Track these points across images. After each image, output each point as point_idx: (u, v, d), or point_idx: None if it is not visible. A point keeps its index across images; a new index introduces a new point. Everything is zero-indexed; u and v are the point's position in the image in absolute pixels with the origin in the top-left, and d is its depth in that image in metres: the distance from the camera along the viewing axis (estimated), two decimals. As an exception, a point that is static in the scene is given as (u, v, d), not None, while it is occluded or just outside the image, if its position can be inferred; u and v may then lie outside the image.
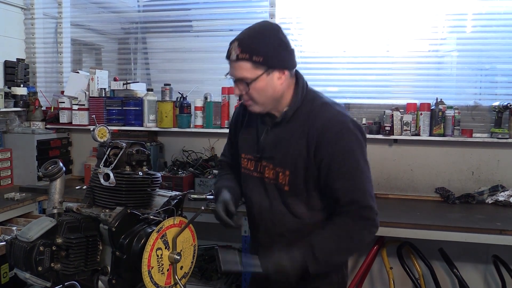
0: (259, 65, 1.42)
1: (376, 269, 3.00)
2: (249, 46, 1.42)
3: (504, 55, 2.92)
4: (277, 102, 1.51)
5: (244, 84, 1.46)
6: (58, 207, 1.36)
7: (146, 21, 3.58)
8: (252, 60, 1.41)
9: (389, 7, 3.03)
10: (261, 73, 1.43)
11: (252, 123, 1.66)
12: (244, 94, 1.48)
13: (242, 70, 1.44)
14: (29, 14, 3.57)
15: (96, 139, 1.40)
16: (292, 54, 1.51)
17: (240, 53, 1.42)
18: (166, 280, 1.28)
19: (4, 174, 3.08)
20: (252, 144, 1.63)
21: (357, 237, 1.49)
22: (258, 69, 1.43)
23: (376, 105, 3.05)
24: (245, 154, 1.65)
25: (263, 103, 1.50)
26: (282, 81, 1.48)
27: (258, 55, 1.41)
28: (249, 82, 1.44)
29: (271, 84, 1.46)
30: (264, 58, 1.42)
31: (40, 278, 1.17)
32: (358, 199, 1.47)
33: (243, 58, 1.42)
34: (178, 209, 1.41)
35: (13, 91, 3.26)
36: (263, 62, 1.42)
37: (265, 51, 1.42)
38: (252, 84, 1.44)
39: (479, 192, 2.83)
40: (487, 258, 2.81)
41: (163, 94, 3.13)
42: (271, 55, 1.43)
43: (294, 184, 1.51)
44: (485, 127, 2.88)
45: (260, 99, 1.48)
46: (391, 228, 2.34)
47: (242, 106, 1.73)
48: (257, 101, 1.49)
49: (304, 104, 1.52)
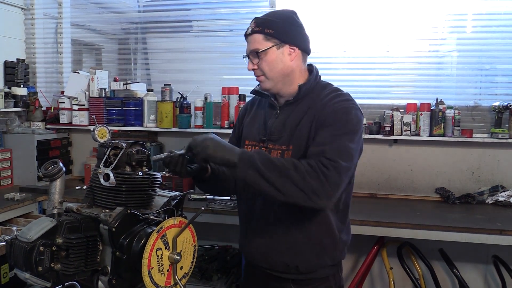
0: (270, 37, 1.50)
1: (376, 269, 3.01)
2: (263, 20, 1.53)
3: (504, 55, 2.92)
4: (287, 79, 1.55)
5: (256, 57, 1.52)
6: (58, 207, 1.36)
7: (146, 21, 3.58)
8: (264, 32, 1.50)
9: (389, 7, 3.03)
10: (272, 45, 1.51)
11: (259, 113, 1.68)
12: (256, 68, 1.54)
13: (254, 42, 1.52)
14: (29, 14, 3.58)
15: (96, 139, 1.40)
16: (305, 37, 1.58)
17: (254, 27, 1.52)
18: (166, 280, 1.28)
19: (4, 174, 3.08)
20: (257, 130, 1.64)
21: (301, 171, 1.33)
22: (269, 41, 1.51)
23: (376, 105, 3.05)
24: (248, 141, 1.65)
25: (273, 78, 1.54)
26: (293, 57, 1.54)
27: (270, 28, 1.50)
28: (260, 52, 1.50)
29: (282, 58, 1.52)
30: (276, 31, 1.50)
31: (40, 278, 1.17)
32: (324, 151, 1.39)
33: (256, 31, 1.51)
34: (178, 209, 1.40)
35: (13, 91, 3.27)
36: (274, 34, 1.50)
37: (277, 25, 1.51)
38: (263, 56, 1.51)
39: (479, 192, 2.84)
40: (487, 258, 2.82)
41: (163, 94, 3.13)
42: (282, 30, 1.51)
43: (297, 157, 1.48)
44: (485, 127, 2.88)
45: (271, 73, 1.53)
46: (391, 228, 2.35)
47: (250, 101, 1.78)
48: (268, 75, 1.54)
49: (317, 88, 1.57)
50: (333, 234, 1.57)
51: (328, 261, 1.58)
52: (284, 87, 1.57)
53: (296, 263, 1.54)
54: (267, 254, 1.58)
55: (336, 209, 1.57)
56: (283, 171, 1.34)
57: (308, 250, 1.54)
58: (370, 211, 2.63)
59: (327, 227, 1.55)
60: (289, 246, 1.55)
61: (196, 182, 1.69)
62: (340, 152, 1.38)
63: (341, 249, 1.61)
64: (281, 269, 1.57)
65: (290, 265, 1.54)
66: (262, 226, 1.58)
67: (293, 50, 1.53)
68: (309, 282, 1.57)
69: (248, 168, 1.36)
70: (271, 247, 1.56)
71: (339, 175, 1.35)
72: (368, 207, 2.73)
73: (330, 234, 1.56)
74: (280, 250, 1.55)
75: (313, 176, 1.33)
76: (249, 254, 1.66)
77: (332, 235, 1.56)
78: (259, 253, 1.60)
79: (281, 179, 1.33)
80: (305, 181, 1.32)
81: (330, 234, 1.56)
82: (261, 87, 1.58)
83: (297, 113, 1.55)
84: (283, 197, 1.34)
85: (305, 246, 1.54)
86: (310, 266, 1.56)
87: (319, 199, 1.33)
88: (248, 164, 1.36)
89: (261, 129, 1.63)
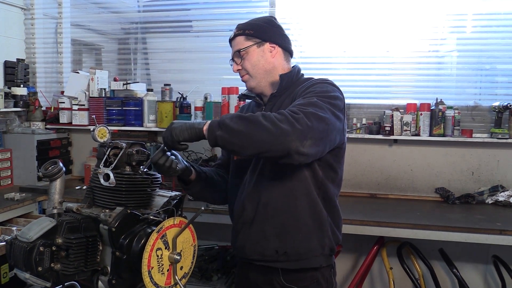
0: (251, 37, 1.61)
1: (376, 269, 3.01)
2: (244, 25, 1.65)
3: (504, 55, 2.93)
4: (269, 76, 1.63)
5: (239, 57, 1.62)
6: (58, 207, 1.36)
7: (146, 21, 3.58)
8: (245, 33, 1.62)
9: (389, 7, 3.03)
10: (252, 43, 1.61)
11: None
12: (240, 69, 1.64)
13: (237, 44, 1.63)
14: (29, 14, 3.58)
15: (96, 139, 1.40)
16: (284, 36, 1.67)
17: (236, 31, 1.65)
18: (166, 281, 1.28)
19: (4, 174, 3.08)
20: None
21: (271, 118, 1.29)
22: (250, 40, 1.61)
23: (376, 105, 3.05)
24: None
25: (256, 75, 1.62)
26: (274, 55, 1.62)
27: (250, 29, 1.62)
28: (241, 51, 1.60)
29: (263, 55, 1.61)
30: (255, 31, 1.61)
31: (40, 278, 1.17)
32: (295, 105, 1.37)
33: (238, 34, 1.63)
34: (178, 209, 1.40)
35: (13, 91, 3.27)
36: (254, 34, 1.61)
37: (256, 26, 1.63)
38: (245, 55, 1.61)
39: (479, 192, 2.84)
40: (487, 258, 2.82)
41: (163, 94, 3.13)
42: (262, 29, 1.62)
43: None
44: (485, 127, 2.88)
45: (253, 70, 1.62)
46: (391, 228, 2.35)
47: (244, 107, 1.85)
48: (251, 73, 1.62)
49: (299, 82, 1.63)
50: (321, 216, 1.56)
51: (318, 247, 1.56)
52: (268, 86, 1.64)
53: (284, 249, 1.54)
54: (256, 242, 1.57)
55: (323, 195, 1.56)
56: (252, 120, 1.31)
57: (295, 232, 1.54)
58: (370, 211, 2.63)
59: (314, 208, 1.54)
60: (278, 231, 1.55)
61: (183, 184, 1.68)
62: (310, 103, 1.35)
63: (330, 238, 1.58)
64: (270, 257, 1.56)
65: (279, 251, 1.54)
66: (250, 215, 1.59)
67: (273, 48, 1.62)
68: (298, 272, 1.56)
69: (216, 130, 1.34)
70: (260, 235, 1.57)
71: (309, 119, 1.30)
72: (368, 207, 2.73)
73: (318, 215, 1.55)
74: (268, 236, 1.55)
75: (282, 120, 1.29)
76: (240, 249, 1.65)
77: (320, 216, 1.55)
78: (248, 243, 1.60)
79: (250, 127, 1.30)
80: (275, 125, 1.28)
81: (318, 215, 1.55)
82: (247, 86, 1.67)
83: (281, 104, 1.59)
84: (255, 145, 1.30)
85: (293, 229, 1.54)
86: (300, 251, 1.54)
87: (292, 140, 1.27)
88: (216, 126, 1.35)
89: None
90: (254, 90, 1.67)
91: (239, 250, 1.67)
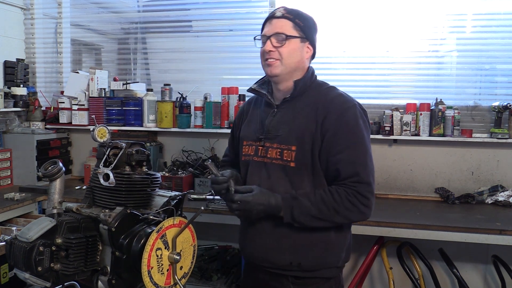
0: (298, 29, 1.56)
1: (376, 269, 3.01)
2: (294, 11, 1.58)
3: (504, 55, 2.92)
4: (295, 73, 1.58)
5: (279, 40, 1.54)
6: (57, 207, 1.36)
7: (146, 21, 3.58)
8: (295, 21, 1.56)
9: (389, 7, 3.03)
10: (298, 35, 1.56)
11: (255, 113, 1.70)
12: (274, 50, 1.54)
13: (283, 26, 1.55)
14: (29, 14, 3.57)
15: (96, 139, 1.40)
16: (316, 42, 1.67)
17: (285, 13, 1.56)
18: (165, 280, 1.28)
19: (4, 174, 3.08)
20: (253, 129, 1.65)
21: (343, 213, 1.47)
22: (297, 31, 1.56)
23: (376, 105, 3.05)
24: (246, 141, 1.67)
25: (287, 65, 1.56)
26: (307, 56, 1.60)
27: (301, 21, 1.57)
28: (287, 37, 1.53)
29: (301, 52, 1.58)
30: (305, 25, 1.57)
31: (39, 278, 1.17)
32: (359, 172, 1.47)
33: (287, 17, 1.56)
34: (178, 209, 1.41)
35: (12, 91, 3.26)
36: (302, 28, 1.57)
37: (306, 20, 1.59)
38: (288, 41, 1.54)
39: (479, 192, 2.84)
40: (487, 258, 2.82)
41: (163, 94, 3.13)
42: (309, 26, 1.60)
43: (301, 159, 1.51)
44: (485, 127, 2.88)
45: (288, 59, 1.55)
46: (391, 228, 2.35)
47: (247, 102, 1.80)
48: (284, 61, 1.55)
49: (313, 86, 1.61)
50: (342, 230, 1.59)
51: (333, 261, 1.58)
52: (287, 79, 1.59)
53: (299, 261, 1.54)
54: (270, 253, 1.56)
55: None
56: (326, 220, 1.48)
57: (314, 247, 1.54)
58: (370, 211, 2.62)
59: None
60: (294, 244, 1.54)
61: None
62: (370, 173, 1.50)
63: (347, 250, 1.62)
64: (282, 267, 1.56)
65: (293, 262, 1.54)
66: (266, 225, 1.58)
67: (309, 49, 1.60)
68: (310, 282, 1.56)
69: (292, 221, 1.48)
70: (274, 246, 1.55)
71: (370, 189, 1.49)
72: (368, 207, 2.73)
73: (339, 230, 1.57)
74: (284, 249, 1.55)
75: (351, 210, 1.46)
76: (251, 254, 1.65)
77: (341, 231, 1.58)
78: (261, 252, 1.59)
79: (323, 223, 1.49)
80: (345, 217, 1.48)
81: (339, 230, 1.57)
82: (270, 71, 1.57)
83: (296, 111, 1.56)
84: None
85: (312, 243, 1.54)
86: (315, 265, 1.55)
87: (365, 215, 1.50)
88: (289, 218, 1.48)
89: (258, 128, 1.63)
90: (274, 78, 1.59)
91: (249, 255, 1.66)
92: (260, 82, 1.71)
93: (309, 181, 1.52)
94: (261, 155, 1.59)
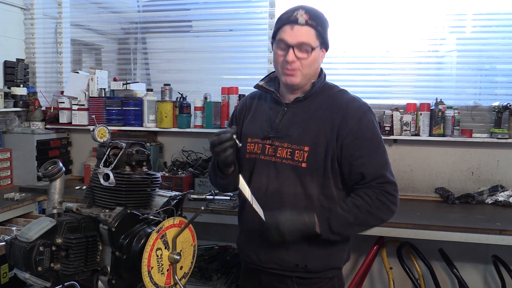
0: (319, 37, 1.50)
1: (376, 269, 3.01)
2: (315, 15, 1.49)
3: (504, 55, 2.92)
4: (312, 78, 1.56)
5: (303, 51, 1.47)
6: (57, 207, 1.36)
7: (146, 21, 3.58)
8: (317, 29, 1.48)
9: (389, 7, 3.03)
10: (318, 44, 1.51)
11: (259, 109, 1.66)
12: (296, 61, 1.48)
13: (308, 36, 1.47)
14: (29, 14, 3.57)
15: (96, 139, 1.40)
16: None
17: (308, 19, 1.46)
18: (166, 280, 1.28)
19: (4, 174, 3.08)
20: (259, 127, 1.61)
21: (376, 213, 1.49)
22: (318, 39, 1.50)
23: (376, 105, 3.04)
24: (251, 138, 1.62)
25: (307, 75, 1.52)
26: (322, 60, 1.58)
27: (322, 27, 1.50)
28: (313, 48, 1.48)
29: (318, 60, 1.54)
30: (324, 32, 1.52)
31: (39, 278, 1.17)
32: (383, 174, 1.49)
33: (311, 24, 1.47)
34: (178, 209, 1.40)
35: (12, 91, 3.26)
36: (322, 35, 1.51)
37: (325, 27, 1.53)
38: (312, 52, 1.48)
39: (479, 192, 2.84)
40: (487, 258, 2.82)
41: (163, 94, 3.13)
42: (326, 32, 1.54)
43: (313, 161, 1.50)
44: (485, 127, 2.88)
45: (308, 69, 1.51)
46: (391, 228, 2.35)
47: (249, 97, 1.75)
48: (305, 72, 1.51)
49: (325, 88, 1.60)
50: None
51: (337, 261, 1.59)
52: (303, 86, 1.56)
53: (305, 263, 1.53)
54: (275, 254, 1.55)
55: None
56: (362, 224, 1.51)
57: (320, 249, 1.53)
58: (370, 211, 2.62)
59: None
60: (300, 246, 1.52)
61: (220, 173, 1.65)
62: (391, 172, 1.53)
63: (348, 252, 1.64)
64: (288, 268, 1.55)
65: (300, 264, 1.54)
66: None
67: (323, 53, 1.58)
68: (314, 282, 1.56)
69: (330, 236, 1.48)
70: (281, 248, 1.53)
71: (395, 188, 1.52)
72: (368, 207, 2.73)
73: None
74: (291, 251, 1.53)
75: (382, 209, 1.49)
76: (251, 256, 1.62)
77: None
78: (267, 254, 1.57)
79: (360, 229, 1.55)
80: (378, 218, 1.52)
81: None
82: (290, 81, 1.52)
83: (309, 112, 1.54)
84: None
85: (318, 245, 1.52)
86: (320, 266, 1.55)
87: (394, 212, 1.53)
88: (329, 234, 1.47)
89: (265, 126, 1.59)
90: (292, 87, 1.55)
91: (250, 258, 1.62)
92: (267, 79, 1.66)
93: (318, 182, 1.52)
94: (269, 154, 1.56)
